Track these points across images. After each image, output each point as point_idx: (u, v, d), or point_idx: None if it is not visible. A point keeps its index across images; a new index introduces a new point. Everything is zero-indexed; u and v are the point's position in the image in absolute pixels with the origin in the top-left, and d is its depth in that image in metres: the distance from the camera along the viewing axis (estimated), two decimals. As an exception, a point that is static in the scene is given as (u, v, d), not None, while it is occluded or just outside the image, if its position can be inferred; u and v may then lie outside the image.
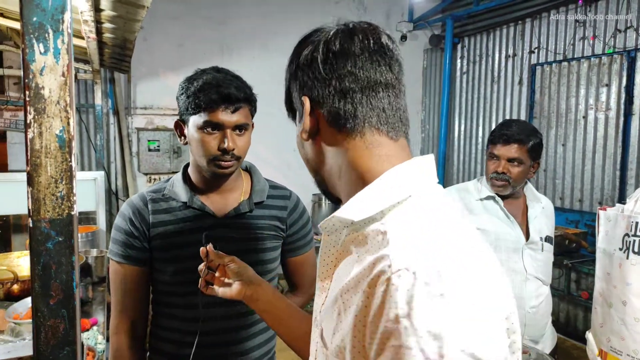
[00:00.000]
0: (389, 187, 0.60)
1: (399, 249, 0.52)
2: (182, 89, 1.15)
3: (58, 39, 0.47)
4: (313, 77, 0.65)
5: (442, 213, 0.59)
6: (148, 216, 1.18)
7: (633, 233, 1.30)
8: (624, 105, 3.60)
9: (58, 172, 0.48)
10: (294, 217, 1.29)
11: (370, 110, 0.63)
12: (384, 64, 0.64)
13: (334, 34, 0.64)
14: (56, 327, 0.49)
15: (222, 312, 1.19)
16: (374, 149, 0.63)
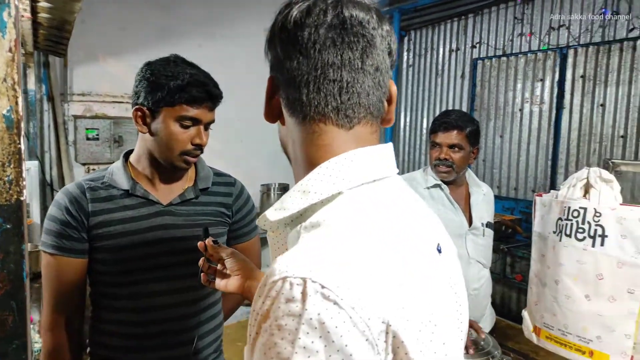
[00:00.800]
0: (317, 182, 0.55)
1: (286, 258, 0.48)
2: (150, 76, 1.10)
3: (4, 11, 0.44)
4: (274, 56, 0.61)
5: (367, 211, 0.53)
6: (87, 205, 1.14)
7: (566, 217, 1.40)
8: (556, 99, 3.83)
9: (5, 154, 0.45)
10: (239, 204, 1.30)
11: (316, 96, 0.57)
12: (342, 42, 0.56)
13: (295, 8, 0.58)
14: (4, 319, 0.47)
15: (168, 300, 1.17)
16: (317, 138, 0.58)
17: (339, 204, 0.53)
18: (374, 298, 0.45)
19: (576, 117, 3.72)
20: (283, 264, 0.47)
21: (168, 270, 1.17)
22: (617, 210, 1.31)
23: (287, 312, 0.43)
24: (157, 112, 1.12)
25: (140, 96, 1.13)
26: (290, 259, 0.47)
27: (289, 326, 0.43)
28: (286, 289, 0.44)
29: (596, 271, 1.32)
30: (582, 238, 1.36)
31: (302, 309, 0.43)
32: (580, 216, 1.37)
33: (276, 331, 0.43)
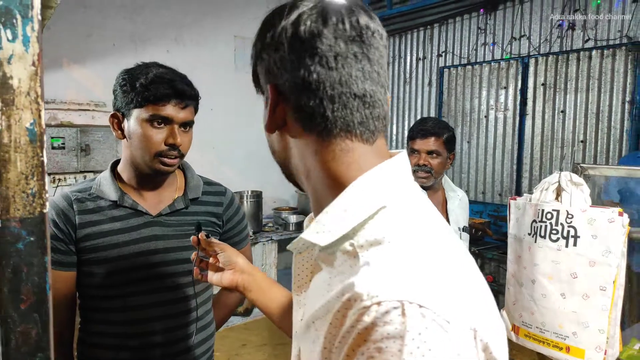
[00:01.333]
0: (358, 199, 0.53)
1: (364, 280, 0.46)
2: (124, 80, 1.11)
3: (27, 25, 0.44)
4: (280, 63, 0.56)
5: (416, 225, 0.53)
6: (74, 217, 1.12)
7: (540, 219, 1.47)
8: (520, 106, 3.99)
9: (29, 167, 0.45)
10: (229, 213, 1.29)
11: (343, 111, 0.54)
12: (362, 54, 0.54)
13: (305, 13, 0.54)
14: (27, 332, 0.46)
15: (159, 312, 1.16)
16: (344, 156, 0.55)
17: (389, 219, 0.52)
18: (460, 308, 0.46)
19: (539, 123, 3.88)
20: (370, 288, 0.45)
21: (158, 281, 1.16)
22: (588, 212, 1.39)
23: (386, 335, 0.42)
24: (128, 114, 1.11)
25: (115, 102, 1.14)
26: (375, 282, 0.46)
27: (390, 348, 0.42)
28: (382, 312, 0.43)
29: (570, 270, 1.39)
30: (556, 239, 1.43)
31: (403, 330, 0.42)
32: (554, 218, 1.44)
33: (376, 354, 0.42)
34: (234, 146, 4.79)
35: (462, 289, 0.49)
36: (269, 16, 0.59)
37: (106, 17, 4.12)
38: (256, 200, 4.26)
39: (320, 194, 0.58)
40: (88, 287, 1.15)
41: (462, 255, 0.55)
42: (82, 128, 4.05)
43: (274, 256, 4.29)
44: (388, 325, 0.43)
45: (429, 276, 0.47)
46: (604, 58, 3.48)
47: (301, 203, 4.76)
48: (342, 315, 0.47)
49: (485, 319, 0.49)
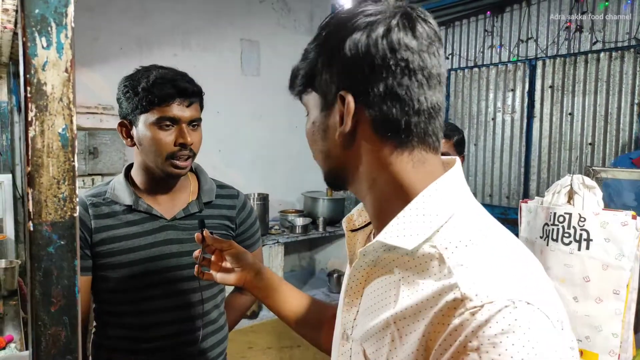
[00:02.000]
0: (434, 205, 0.55)
1: (468, 280, 0.49)
2: (126, 87, 1.11)
3: (61, 33, 0.45)
4: (363, 71, 0.55)
5: (488, 228, 0.56)
6: (89, 222, 1.12)
7: (552, 222, 1.46)
8: (527, 109, 3.98)
9: (60, 172, 0.46)
10: (242, 216, 1.30)
11: (424, 123, 0.56)
12: (438, 66, 0.56)
13: (395, 23, 0.54)
14: (57, 335, 0.47)
15: (173, 316, 1.17)
16: (420, 167, 0.57)
17: (463, 223, 0.55)
18: (552, 304, 0.50)
19: (546, 126, 3.88)
20: (478, 288, 0.48)
21: (172, 285, 1.16)
22: (600, 215, 1.38)
23: (500, 331, 0.45)
24: (135, 121, 1.11)
25: (121, 110, 1.13)
26: (480, 282, 0.48)
27: (504, 344, 0.45)
28: (495, 311, 0.46)
29: (583, 274, 1.38)
30: (568, 242, 1.42)
31: (515, 326, 0.45)
32: (566, 221, 1.43)
33: (491, 349, 0.45)
34: (240, 149, 4.81)
35: (546, 286, 0.52)
36: (341, 21, 0.57)
37: (112, 22, 4.15)
38: (262, 203, 4.27)
39: (386, 201, 0.59)
40: (103, 292, 1.15)
41: (531, 254, 0.58)
42: (90, 131, 4.07)
43: (280, 259, 4.29)
44: (501, 322, 0.45)
45: (521, 275, 0.51)
46: (612, 60, 3.47)
47: (307, 206, 4.76)
48: (445, 314, 0.49)
49: (564, 314, 0.52)
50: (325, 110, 0.59)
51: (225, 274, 0.94)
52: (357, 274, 0.62)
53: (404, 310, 0.53)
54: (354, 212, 0.74)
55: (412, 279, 0.54)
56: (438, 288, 0.50)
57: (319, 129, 0.61)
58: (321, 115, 0.60)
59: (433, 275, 0.52)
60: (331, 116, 0.59)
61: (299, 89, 0.64)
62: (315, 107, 0.61)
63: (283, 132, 4.99)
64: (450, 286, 0.49)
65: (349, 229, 0.73)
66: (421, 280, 0.53)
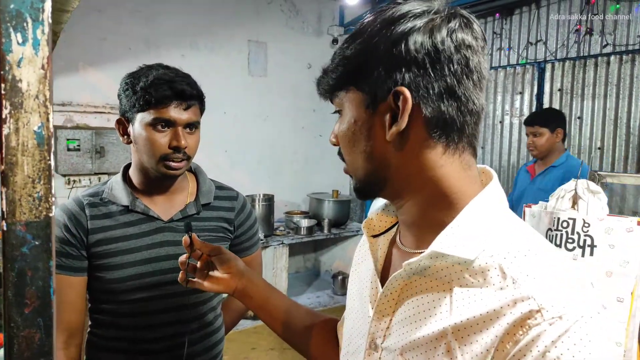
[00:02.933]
0: (484, 215, 0.55)
1: (542, 292, 0.49)
2: (126, 84, 1.10)
3: (38, 29, 0.44)
4: (425, 68, 0.54)
5: (537, 237, 0.56)
6: (86, 222, 1.11)
7: (555, 228, 1.44)
8: (535, 112, 3.94)
9: (36, 171, 0.45)
10: (241, 218, 1.28)
11: (473, 124, 0.56)
12: (485, 68, 0.57)
13: (457, 23, 0.55)
14: (31, 337, 0.46)
15: (168, 318, 1.16)
16: (468, 170, 0.57)
17: (513, 232, 0.55)
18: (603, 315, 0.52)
19: (555, 129, 3.83)
20: (553, 301, 0.49)
21: (168, 287, 1.15)
22: (605, 220, 1.35)
23: (580, 340, 0.47)
24: (132, 119, 1.10)
25: (120, 106, 1.13)
26: (553, 294, 0.49)
27: (578, 355, 0.47)
28: (572, 323, 0.48)
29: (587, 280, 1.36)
30: (572, 248, 1.39)
31: (587, 338, 0.47)
32: (570, 227, 1.41)
33: (570, 358, 0.46)
34: (246, 150, 4.81)
35: (596, 297, 0.54)
36: (388, 23, 0.56)
37: (120, 22, 4.17)
38: (268, 203, 4.26)
39: (429, 206, 0.58)
40: (98, 292, 1.14)
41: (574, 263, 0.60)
42: (97, 130, 4.10)
43: (284, 260, 4.28)
44: (579, 332, 0.47)
45: (582, 284, 0.52)
46: (623, 63, 3.42)
47: (313, 207, 4.75)
48: (518, 325, 0.49)
49: None
50: (372, 109, 0.57)
51: (214, 281, 0.90)
52: (395, 283, 0.60)
53: (464, 321, 0.52)
54: (374, 216, 0.71)
55: (468, 289, 0.53)
56: (507, 299, 0.50)
57: (362, 128, 0.59)
58: (367, 113, 0.58)
59: (493, 285, 0.52)
60: (379, 114, 0.57)
61: (332, 87, 0.62)
62: (356, 106, 0.59)
63: (289, 133, 4.99)
64: (522, 297, 0.49)
65: (370, 234, 0.71)
66: (479, 290, 0.52)
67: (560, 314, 0.48)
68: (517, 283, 0.50)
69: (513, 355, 0.48)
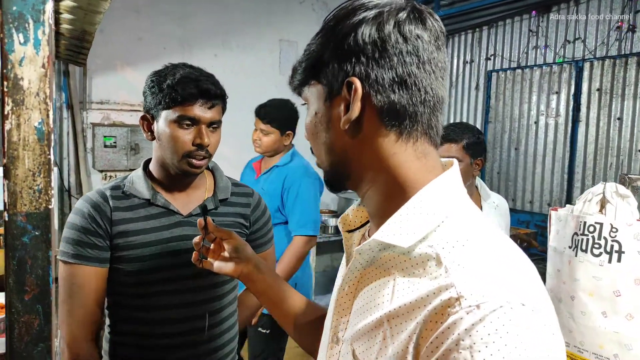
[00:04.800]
0: (432, 203, 0.55)
1: (464, 280, 0.49)
2: (152, 82, 1.13)
3: (39, 29, 0.46)
4: (374, 59, 0.55)
5: (484, 229, 0.56)
6: (110, 213, 1.14)
7: (581, 232, 1.39)
8: (572, 113, 3.80)
9: (36, 165, 0.47)
10: (257, 215, 1.30)
11: (428, 113, 0.57)
12: (443, 61, 0.58)
13: (406, 15, 0.56)
14: (30, 323, 0.48)
15: (184, 313, 1.17)
16: (423, 159, 0.58)
17: (459, 223, 0.55)
18: (548, 307, 0.51)
19: (592, 131, 3.69)
20: (474, 288, 0.48)
21: (186, 282, 1.16)
22: (634, 226, 1.29)
23: (494, 331, 0.45)
24: (157, 116, 1.12)
25: (145, 103, 1.15)
26: (476, 282, 0.48)
27: (497, 343, 0.45)
28: (490, 310, 0.46)
29: (613, 287, 1.30)
30: (598, 254, 1.34)
31: (510, 326, 0.45)
32: (597, 231, 1.35)
33: (483, 348, 0.45)
34: (276, 148, 4.85)
35: (539, 287, 0.52)
36: (348, 12, 0.59)
37: (156, 23, 4.28)
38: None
39: (386, 196, 0.59)
40: (116, 285, 1.16)
41: (526, 257, 0.57)
42: (133, 128, 4.23)
43: (312, 259, 4.30)
44: (495, 322, 0.45)
45: (519, 277, 0.51)
46: (667, 62, 3.26)
47: (341, 206, 4.74)
48: (437, 312, 0.48)
49: (555, 318, 0.52)
50: (329, 100, 0.60)
51: (223, 263, 0.94)
52: (352, 276, 0.62)
53: (397, 309, 0.53)
54: (350, 211, 0.73)
55: (408, 279, 0.54)
56: (434, 287, 0.50)
57: (322, 120, 0.61)
58: (325, 105, 0.60)
59: (429, 274, 0.52)
60: (335, 106, 0.59)
61: (299, 82, 0.64)
62: (318, 99, 0.62)
63: (319, 133, 4.99)
64: (446, 285, 0.49)
65: (345, 230, 0.72)
66: (417, 280, 0.53)
67: (478, 302, 0.46)
68: (448, 272, 0.50)
69: (431, 343, 0.48)
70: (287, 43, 4.88)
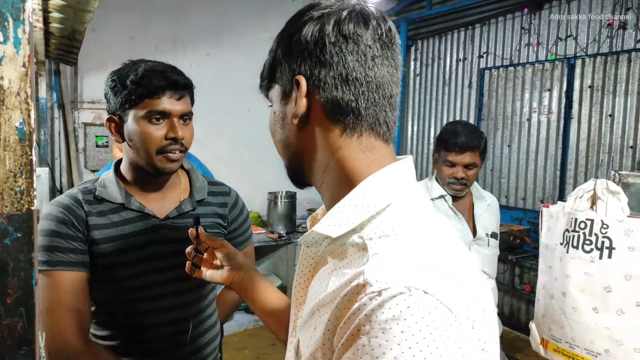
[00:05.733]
0: (368, 195, 0.56)
1: (373, 268, 0.49)
2: (113, 81, 1.07)
3: (18, 27, 0.45)
4: (316, 57, 0.58)
5: (420, 221, 0.56)
6: (85, 217, 1.08)
7: (573, 229, 1.39)
8: (564, 110, 3.82)
9: (18, 165, 0.46)
10: (234, 213, 1.27)
11: (374, 109, 0.58)
12: (391, 58, 0.59)
13: (347, 14, 0.58)
14: (13, 326, 0.47)
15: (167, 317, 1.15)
16: (368, 152, 0.59)
17: (395, 214, 0.56)
18: (461, 299, 0.49)
19: (584, 128, 3.71)
20: (379, 275, 0.48)
21: (165, 286, 1.13)
22: (625, 222, 1.30)
23: (391, 317, 0.45)
24: (124, 116, 1.07)
25: (109, 105, 1.10)
26: (383, 270, 0.49)
27: (394, 330, 0.45)
28: (389, 296, 0.46)
29: (604, 283, 1.31)
30: (589, 250, 1.35)
31: (407, 313, 0.45)
32: (587, 228, 1.36)
33: (380, 334, 0.45)
34: (270, 147, 4.78)
35: (462, 282, 0.52)
36: (300, 12, 0.62)
37: (149, 21, 4.26)
38: (290, 201, 4.28)
39: (336, 188, 0.60)
40: (95, 291, 1.11)
41: (463, 252, 0.58)
42: (125, 127, 4.20)
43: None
44: (394, 308, 0.46)
45: (433, 267, 0.51)
46: (658, 59, 3.28)
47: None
48: (349, 299, 0.50)
49: (481, 315, 0.51)
50: (284, 99, 0.63)
51: (214, 272, 0.96)
52: (304, 269, 0.64)
53: (324, 297, 0.54)
54: (319, 210, 0.73)
55: (341, 269, 0.55)
56: (352, 275, 0.51)
57: (278, 119, 0.64)
58: (281, 104, 0.63)
59: (355, 264, 0.53)
60: (289, 104, 0.62)
61: (265, 84, 0.67)
62: (276, 99, 0.65)
63: (313, 131, 4.98)
64: (359, 273, 0.50)
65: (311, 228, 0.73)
66: (347, 270, 0.53)
67: (381, 289, 0.47)
68: (365, 261, 0.51)
69: (341, 328, 0.49)
70: (280, 41, 4.87)
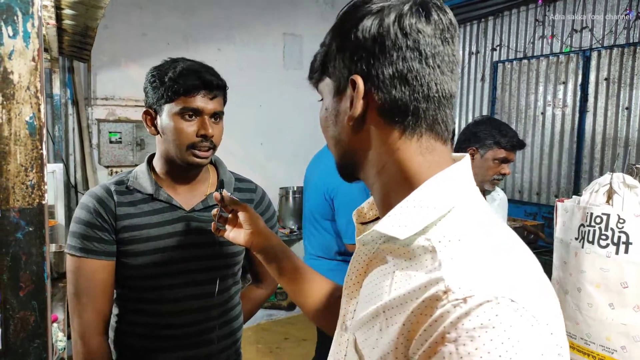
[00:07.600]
0: (433, 197, 0.55)
1: (454, 274, 0.49)
2: (153, 77, 1.14)
3: (28, 22, 0.45)
4: (374, 54, 0.55)
5: (486, 224, 0.55)
6: (114, 208, 1.15)
7: (588, 223, 1.37)
8: (580, 103, 3.76)
9: (28, 160, 0.47)
10: (260, 210, 1.31)
11: (434, 109, 0.56)
12: (452, 55, 0.56)
13: (408, 8, 0.55)
14: (26, 319, 0.48)
15: (189, 305, 1.19)
16: (428, 154, 0.57)
17: (462, 217, 0.54)
18: (542, 305, 0.49)
19: (600, 121, 3.65)
20: (462, 282, 0.48)
21: (190, 275, 1.18)
22: (642, 216, 1.28)
23: (479, 325, 0.45)
24: (160, 110, 1.14)
25: (147, 99, 1.17)
26: (465, 276, 0.48)
27: (482, 338, 0.44)
28: (476, 304, 0.46)
29: (620, 279, 1.29)
30: (605, 245, 1.32)
31: (496, 322, 0.45)
32: (603, 222, 1.33)
33: (468, 342, 0.45)
34: (281, 142, 4.84)
35: (539, 288, 0.51)
36: (356, 5, 0.59)
37: (160, 18, 4.28)
38: (301, 196, 4.27)
39: (391, 188, 0.59)
40: (124, 278, 1.18)
41: (530, 255, 0.57)
42: (138, 123, 4.23)
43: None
44: (482, 316, 0.45)
45: (512, 273, 0.50)
46: (677, 50, 3.20)
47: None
48: (427, 306, 0.49)
49: (556, 320, 0.51)
50: (337, 96, 0.61)
51: (237, 233, 0.99)
52: (357, 265, 0.63)
53: (392, 300, 0.53)
54: (365, 205, 0.73)
55: (406, 271, 0.54)
56: (427, 280, 0.50)
57: (331, 115, 0.62)
58: (334, 100, 0.62)
59: (424, 267, 0.52)
60: (342, 101, 0.60)
61: (316, 77, 0.65)
62: (329, 94, 0.63)
63: (324, 126, 4.97)
64: (437, 279, 0.49)
65: (359, 222, 0.73)
66: (414, 273, 0.53)
67: (465, 296, 0.46)
68: (441, 266, 0.50)
69: (420, 335, 0.48)
70: (292, 37, 4.85)
